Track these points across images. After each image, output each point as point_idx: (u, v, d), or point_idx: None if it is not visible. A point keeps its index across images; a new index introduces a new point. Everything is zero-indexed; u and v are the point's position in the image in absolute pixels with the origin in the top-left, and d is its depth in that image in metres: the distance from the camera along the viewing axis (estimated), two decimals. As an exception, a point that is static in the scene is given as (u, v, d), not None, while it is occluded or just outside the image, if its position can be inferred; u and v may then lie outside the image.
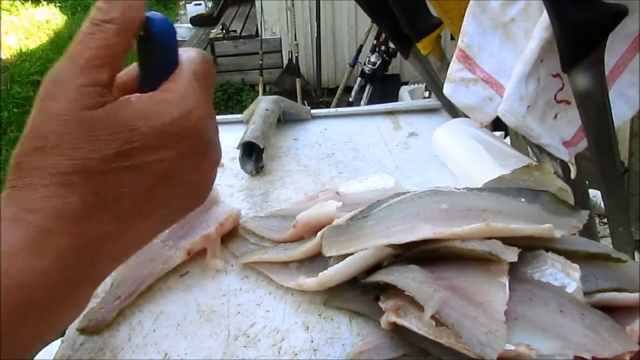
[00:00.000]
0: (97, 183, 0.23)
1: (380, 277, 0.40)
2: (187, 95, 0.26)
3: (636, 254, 0.59)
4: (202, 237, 0.51)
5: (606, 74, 0.46)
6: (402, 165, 0.70)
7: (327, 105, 3.20)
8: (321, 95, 3.55)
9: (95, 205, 0.23)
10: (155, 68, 0.27)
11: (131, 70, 0.28)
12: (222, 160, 0.73)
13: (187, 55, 0.28)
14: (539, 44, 0.47)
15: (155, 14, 0.26)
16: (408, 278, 0.37)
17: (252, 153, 0.70)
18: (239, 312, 0.44)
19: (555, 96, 0.51)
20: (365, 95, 2.95)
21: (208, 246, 0.51)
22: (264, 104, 0.79)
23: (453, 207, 0.42)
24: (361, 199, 0.52)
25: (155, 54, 0.27)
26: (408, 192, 0.48)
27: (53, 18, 5.87)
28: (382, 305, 0.38)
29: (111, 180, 0.23)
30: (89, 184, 0.23)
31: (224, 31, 4.14)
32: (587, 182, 0.58)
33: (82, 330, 0.43)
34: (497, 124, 0.64)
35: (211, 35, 4.19)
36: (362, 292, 0.43)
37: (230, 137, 0.78)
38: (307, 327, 0.42)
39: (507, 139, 0.79)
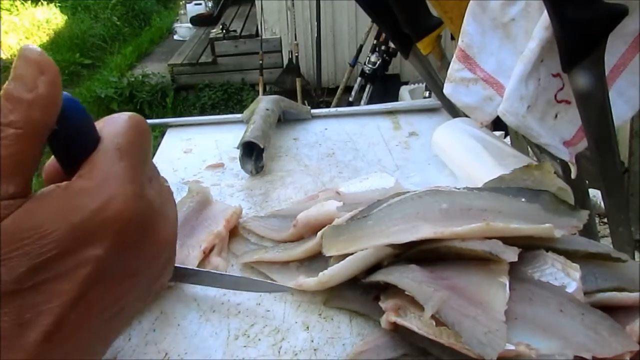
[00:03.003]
0: (12, 306, 0.20)
1: (380, 277, 0.40)
2: (107, 177, 0.23)
3: (636, 254, 0.59)
4: (214, 235, 0.51)
5: (606, 73, 0.46)
6: (402, 165, 0.70)
7: (327, 105, 3.21)
8: (321, 95, 3.55)
9: (12, 332, 0.20)
10: (72, 151, 0.24)
11: None
12: (222, 160, 0.73)
13: (110, 127, 0.25)
14: (539, 43, 0.47)
15: None
16: (408, 278, 0.37)
17: (252, 153, 0.70)
18: (239, 312, 0.44)
19: (555, 96, 0.51)
20: (365, 95, 2.95)
21: (218, 243, 0.51)
22: (264, 104, 0.79)
23: (453, 206, 0.42)
24: (361, 199, 0.52)
25: (67, 136, 0.24)
26: (408, 192, 0.48)
27: (53, 18, 5.88)
28: (382, 305, 0.38)
29: (29, 299, 0.21)
30: (4, 309, 0.20)
31: (224, 31, 4.15)
32: (587, 182, 0.58)
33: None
34: (497, 124, 0.64)
35: (211, 35, 4.20)
36: (362, 292, 0.43)
37: (230, 137, 0.79)
38: (307, 327, 0.42)
39: (507, 139, 0.79)
